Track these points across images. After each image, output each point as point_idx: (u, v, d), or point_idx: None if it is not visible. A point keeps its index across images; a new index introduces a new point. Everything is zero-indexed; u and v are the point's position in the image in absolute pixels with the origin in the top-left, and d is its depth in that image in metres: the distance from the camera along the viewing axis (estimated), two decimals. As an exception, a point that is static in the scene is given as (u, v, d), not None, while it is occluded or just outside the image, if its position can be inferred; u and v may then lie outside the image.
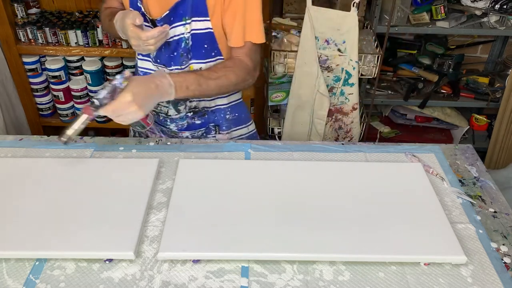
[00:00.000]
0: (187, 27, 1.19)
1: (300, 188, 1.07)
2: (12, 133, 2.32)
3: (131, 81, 1.06)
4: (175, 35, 1.21)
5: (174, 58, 1.24)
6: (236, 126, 1.41)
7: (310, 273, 0.89)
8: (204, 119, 1.35)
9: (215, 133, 1.38)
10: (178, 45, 1.22)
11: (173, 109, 1.32)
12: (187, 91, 1.14)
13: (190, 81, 1.14)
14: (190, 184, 1.07)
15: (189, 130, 1.37)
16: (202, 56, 1.24)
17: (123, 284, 0.86)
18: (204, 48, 1.23)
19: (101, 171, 1.11)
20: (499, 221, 1.03)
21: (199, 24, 1.19)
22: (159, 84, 1.09)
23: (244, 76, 1.22)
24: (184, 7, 1.17)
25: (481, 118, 2.57)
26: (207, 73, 1.17)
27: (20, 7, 2.20)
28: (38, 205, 1.00)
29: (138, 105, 1.03)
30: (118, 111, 1.04)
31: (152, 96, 1.08)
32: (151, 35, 1.12)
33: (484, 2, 2.16)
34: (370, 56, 1.93)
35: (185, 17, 1.18)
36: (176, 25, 1.20)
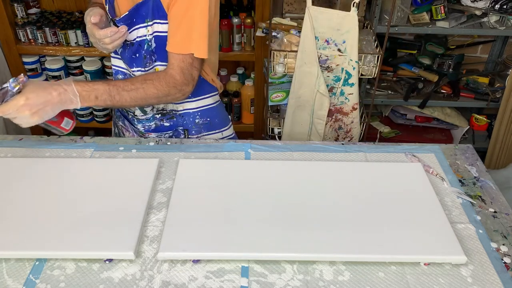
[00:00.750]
0: (149, 29, 1.19)
1: (300, 188, 1.07)
2: (12, 133, 2.32)
3: (27, 86, 1.04)
4: (137, 36, 1.21)
5: (136, 60, 1.24)
6: (207, 130, 1.38)
7: (310, 273, 0.89)
8: (172, 121, 1.34)
9: (184, 136, 1.36)
10: (141, 46, 1.22)
11: (139, 109, 1.32)
12: (96, 101, 1.11)
13: (100, 91, 1.11)
14: (190, 184, 1.07)
15: (156, 132, 1.35)
16: (166, 58, 1.20)
17: (123, 284, 0.86)
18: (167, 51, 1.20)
19: (101, 171, 1.11)
20: (499, 221, 1.03)
21: (160, 27, 1.18)
22: (62, 92, 1.07)
23: (167, 90, 1.17)
24: (146, 9, 1.16)
25: (481, 118, 2.57)
26: (123, 84, 1.14)
27: (20, 7, 2.20)
28: (38, 205, 1.00)
29: (30, 111, 1.02)
30: (9, 113, 1.03)
31: (50, 104, 1.05)
32: (104, 34, 1.14)
33: (484, 2, 2.16)
34: (370, 56, 1.93)
35: (147, 19, 1.18)
36: (138, 26, 1.19)
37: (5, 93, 1.03)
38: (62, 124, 1.16)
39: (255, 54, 2.21)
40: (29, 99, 1.03)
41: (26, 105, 1.02)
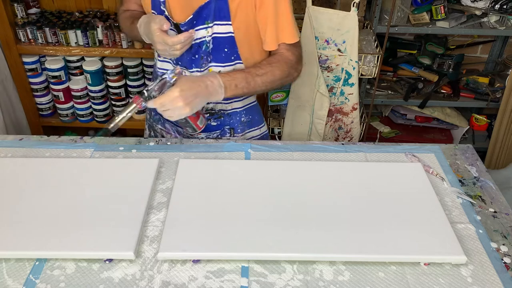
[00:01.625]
0: (209, 31, 1.20)
1: (300, 188, 1.07)
2: (12, 133, 2.32)
3: (181, 78, 1.09)
4: (197, 38, 1.22)
5: (195, 61, 1.25)
6: (249, 128, 1.41)
7: (310, 273, 0.89)
8: (220, 121, 1.35)
9: (230, 135, 1.38)
10: (200, 48, 1.23)
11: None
12: (236, 90, 1.16)
13: (239, 79, 1.16)
14: (190, 184, 1.07)
15: (205, 131, 1.36)
16: (222, 59, 1.24)
17: (123, 284, 0.86)
18: (224, 52, 1.23)
19: (101, 171, 1.11)
20: (499, 221, 1.03)
21: (220, 28, 1.19)
22: (209, 85, 1.11)
23: (288, 70, 1.23)
24: (207, 11, 1.17)
25: (481, 118, 2.57)
26: (254, 70, 1.19)
27: (20, 7, 2.20)
28: (38, 205, 1.00)
29: (184, 102, 1.06)
30: (164, 104, 1.07)
31: (200, 95, 1.10)
32: (178, 41, 1.13)
33: (484, 2, 2.16)
34: (370, 56, 1.93)
35: (208, 20, 1.18)
36: (198, 28, 1.20)
37: (163, 84, 1.08)
38: (198, 121, 1.19)
39: (255, 54, 2.20)
40: (183, 90, 1.07)
41: (180, 97, 1.06)
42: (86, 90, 2.31)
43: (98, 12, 2.30)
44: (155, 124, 1.46)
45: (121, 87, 2.33)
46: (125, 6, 1.39)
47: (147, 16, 1.20)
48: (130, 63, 2.25)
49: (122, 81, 2.31)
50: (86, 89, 2.31)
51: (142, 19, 1.21)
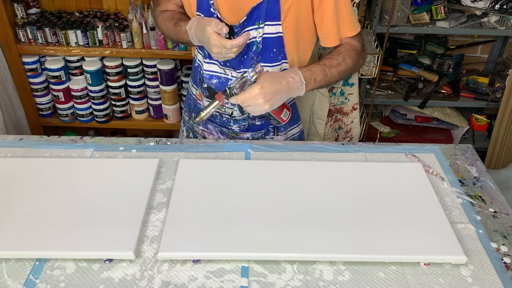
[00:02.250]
0: (260, 31, 1.19)
1: (300, 188, 1.07)
2: (12, 133, 2.32)
3: (262, 75, 1.10)
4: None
5: (244, 61, 1.24)
6: (290, 126, 1.41)
7: (310, 273, 0.89)
8: (264, 120, 1.35)
9: (274, 134, 1.38)
10: (249, 48, 1.22)
11: (238, 111, 1.31)
12: (315, 83, 1.17)
13: (317, 73, 1.17)
14: (190, 184, 1.07)
15: (250, 131, 1.37)
16: (270, 59, 1.23)
17: (123, 284, 0.86)
18: (273, 52, 1.22)
19: (101, 171, 1.11)
20: (499, 221, 1.03)
21: (270, 28, 1.19)
22: (291, 81, 1.12)
23: (357, 58, 1.24)
24: (259, 12, 1.16)
25: (481, 118, 2.57)
26: (329, 61, 1.20)
27: (20, 7, 2.20)
28: (38, 205, 1.00)
29: (264, 99, 1.08)
30: (245, 101, 1.09)
31: (281, 92, 1.11)
32: (236, 44, 1.13)
33: (484, 2, 2.16)
34: (370, 56, 1.92)
35: (259, 21, 1.18)
36: (249, 29, 1.19)
37: (244, 82, 1.10)
38: (281, 114, 1.20)
39: (255, 54, 2.20)
40: (264, 88, 1.08)
41: (260, 94, 1.08)
42: (86, 90, 2.31)
43: (98, 12, 2.30)
44: (196, 125, 1.45)
45: (121, 87, 2.32)
46: (162, 6, 1.37)
47: (199, 18, 1.19)
48: (130, 63, 2.25)
49: (122, 81, 2.31)
50: (86, 89, 2.31)
51: (192, 22, 1.20)
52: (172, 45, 2.19)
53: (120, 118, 2.43)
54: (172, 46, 2.19)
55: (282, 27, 1.19)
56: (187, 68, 2.39)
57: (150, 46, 2.20)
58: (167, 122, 2.43)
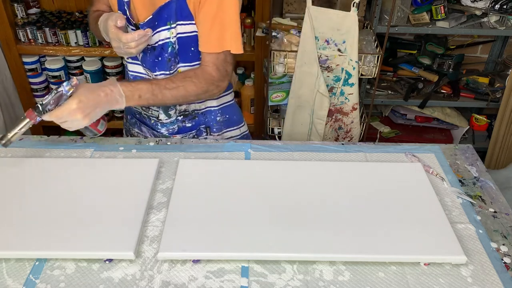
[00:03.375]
0: (172, 31, 1.18)
1: (300, 188, 1.07)
2: (12, 133, 2.31)
3: (78, 88, 1.06)
4: (160, 39, 1.20)
5: (159, 63, 1.24)
6: (227, 127, 1.40)
7: (310, 273, 0.89)
8: (194, 121, 1.35)
9: (206, 134, 1.38)
10: (164, 50, 1.21)
11: (164, 114, 1.32)
12: (140, 100, 1.13)
13: (143, 90, 1.13)
14: (190, 184, 1.07)
15: (180, 133, 1.36)
16: (190, 59, 1.23)
17: (123, 284, 0.86)
18: (191, 51, 1.22)
19: (101, 171, 1.11)
20: (499, 221, 1.03)
21: (184, 28, 1.18)
22: (109, 93, 1.09)
23: (206, 87, 1.20)
24: (168, 11, 1.16)
25: (481, 118, 2.57)
26: (164, 82, 1.16)
27: (20, 7, 2.20)
28: (38, 205, 1.00)
29: (83, 113, 1.04)
30: (62, 117, 1.04)
31: (99, 105, 1.08)
32: (131, 38, 1.11)
33: (484, 2, 2.16)
34: (370, 56, 1.93)
35: (170, 21, 1.17)
36: (161, 29, 1.19)
37: (59, 97, 1.05)
38: (98, 126, 1.18)
39: (255, 54, 2.21)
40: (81, 102, 1.04)
41: (78, 109, 1.04)
42: (86, 90, 2.31)
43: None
44: (132, 128, 1.45)
45: (121, 87, 2.32)
46: (95, 6, 1.36)
47: (108, 14, 1.18)
48: (130, 63, 2.25)
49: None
50: (86, 89, 2.30)
51: (102, 17, 1.19)
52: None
53: (120, 118, 2.43)
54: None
55: (196, 26, 1.18)
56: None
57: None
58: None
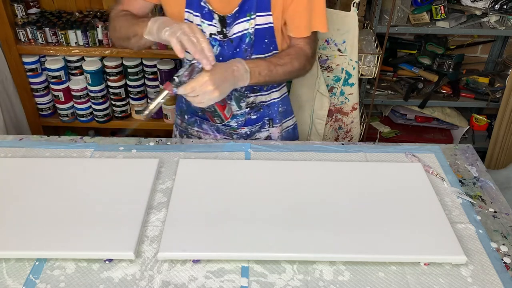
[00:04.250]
0: (252, 23, 1.20)
1: (300, 188, 1.07)
2: (12, 133, 2.32)
3: None
4: (238, 31, 1.21)
5: (236, 54, 1.24)
6: (285, 118, 1.43)
7: (310, 273, 0.89)
8: (259, 113, 1.37)
9: (269, 126, 1.40)
10: (242, 41, 1.22)
11: (236, 105, 1.33)
12: (259, 77, 1.18)
13: (262, 67, 1.18)
14: (190, 184, 1.07)
15: (247, 125, 1.38)
16: (262, 50, 1.25)
17: (123, 284, 0.86)
18: (265, 42, 1.24)
19: (101, 171, 1.11)
20: (499, 221, 1.03)
21: (261, 19, 1.20)
22: (235, 70, 1.13)
23: (304, 63, 1.26)
24: (250, 3, 1.18)
25: (481, 118, 2.57)
26: (275, 59, 1.21)
27: (20, 7, 2.20)
28: (38, 205, 1.00)
29: (213, 85, 1.07)
30: (195, 89, 1.06)
31: (228, 80, 1.11)
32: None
33: (484, 2, 2.16)
34: (370, 56, 1.93)
35: (250, 12, 1.19)
36: (241, 21, 1.20)
37: (192, 70, 1.07)
38: (225, 110, 1.21)
39: (255, 54, 2.20)
40: (212, 75, 1.07)
41: (209, 80, 1.06)
42: (86, 90, 2.31)
43: (98, 12, 2.30)
44: (191, 127, 1.44)
45: (121, 87, 2.32)
46: (125, 5, 1.31)
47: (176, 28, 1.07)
48: (130, 63, 2.25)
49: (122, 81, 2.31)
50: (86, 89, 2.31)
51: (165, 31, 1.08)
52: (172, 45, 2.19)
53: (120, 118, 2.43)
54: (172, 46, 2.19)
55: (272, 18, 1.20)
56: (187, 68, 2.39)
57: (150, 46, 2.20)
58: (167, 122, 2.43)
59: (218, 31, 1.22)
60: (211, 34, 1.23)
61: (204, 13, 1.20)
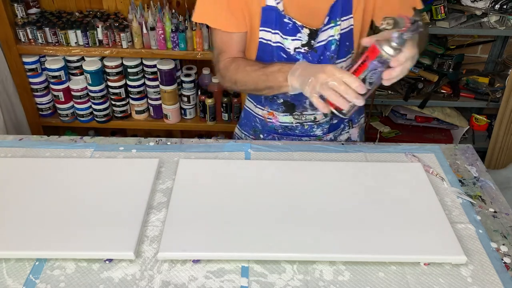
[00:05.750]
0: (337, 29, 1.15)
1: (300, 188, 1.07)
2: (12, 133, 2.32)
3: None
4: (323, 39, 1.16)
5: (321, 62, 1.19)
6: (359, 115, 1.42)
7: (310, 273, 0.89)
8: (339, 118, 1.33)
9: (349, 128, 1.39)
10: (326, 48, 1.17)
11: (322, 113, 1.29)
12: None
13: None
14: (190, 184, 1.07)
15: (331, 131, 1.36)
16: (344, 54, 1.21)
17: (123, 284, 0.86)
18: (346, 46, 1.20)
19: (101, 171, 1.11)
20: (499, 221, 1.03)
21: (344, 23, 1.16)
22: None
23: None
24: (336, 10, 1.13)
25: (481, 118, 2.57)
26: None
27: (20, 7, 2.20)
28: (38, 205, 1.00)
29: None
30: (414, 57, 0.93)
31: None
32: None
33: (484, 2, 2.16)
34: (370, 56, 1.92)
35: (336, 19, 1.14)
36: (327, 28, 1.14)
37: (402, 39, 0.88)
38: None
39: (255, 54, 2.20)
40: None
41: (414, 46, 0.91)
42: (86, 90, 2.31)
43: (98, 12, 2.30)
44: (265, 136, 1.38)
45: (121, 87, 2.33)
46: (229, 53, 1.20)
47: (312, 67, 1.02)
48: (130, 63, 2.25)
49: (122, 81, 2.32)
50: (86, 89, 2.31)
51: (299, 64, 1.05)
52: (172, 45, 2.19)
53: (120, 118, 2.43)
54: (172, 46, 2.19)
55: (353, 19, 1.16)
56: (187, 68, 2.39)
57: (150, 46, 2.20)
58: (167, 122, 2.44)
59: (303, 44, 1.17)
60: (295, 49, 1.18)
61: (288, 29, 1.15)
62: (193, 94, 2.37)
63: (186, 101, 2.38)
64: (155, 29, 2.15)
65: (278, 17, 1.14)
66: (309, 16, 1.15)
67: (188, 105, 2.40)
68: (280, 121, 1.33)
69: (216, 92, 2.33)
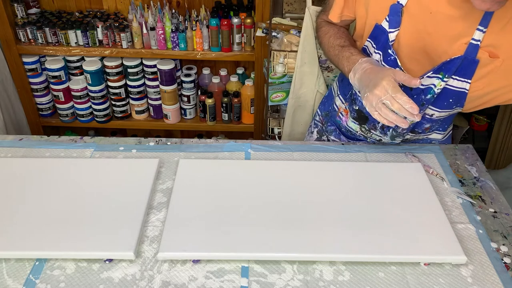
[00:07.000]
0: (441, 83, 1.06)
1: (300, 188, 1.07)
2: (12, 133, 2.32)
3: None
4: (423, 84, 1.07)
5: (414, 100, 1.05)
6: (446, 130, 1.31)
7: (310, 273, 0.89)
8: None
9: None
10: (423, 93, 1.09)
11: (389, 138, 1.25)
12: None
13: None
14: (190, 184, 1.07)
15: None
16: (441, 106, 1.12)
17: (123, 284, 0.86)
18: (448, 101, 1.10)
19: (101, 171, 1.11)
20: (499, 221, 1.03)
21: (456, 83, 1.06)
22: None
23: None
24: (449, 66, 1.03)
25: (481, 118, 2.57)
26: None
27: (20, 7, 2.20)
28: (38, 205, 1.00)
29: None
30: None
31: None
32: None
33: (484, 2, 2.15)
34: (370, 56, 1.92)
35: (445, 74, 1.04)
36: (431, 75, 1.06)
37: None
38: None
39: (255, 54, 2.21)
40: None
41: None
42: (86, 90, 2.31)
43: (98, 12, 2.30)
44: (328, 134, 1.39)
45: (121, 87, 2.33)
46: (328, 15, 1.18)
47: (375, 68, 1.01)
48: (130, 63, 2.25)
49: (122, 81, 2.32)
50: (86, 89, 2.31)
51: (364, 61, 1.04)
52: (172, 45, 2.19)
53: (120, 118, 2.43)
54: (172, 46, 2.19)
55: (470, 85, 1.05)
56: (187, 68, 2.39)
57: (150, 46, 2.20)
58: (167, 122, 2.44)
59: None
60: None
61: (388, 59, 1.09)
62: (193, 94, 2.38)
63: (186, 101, 2.38)
64: (155, 29, 2.15)
65: (385, 42, 1.07)
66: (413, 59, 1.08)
67: (188, 105, 2.41)
68: (348, 124, 1.31)
69: (216, 92, 2.33)
